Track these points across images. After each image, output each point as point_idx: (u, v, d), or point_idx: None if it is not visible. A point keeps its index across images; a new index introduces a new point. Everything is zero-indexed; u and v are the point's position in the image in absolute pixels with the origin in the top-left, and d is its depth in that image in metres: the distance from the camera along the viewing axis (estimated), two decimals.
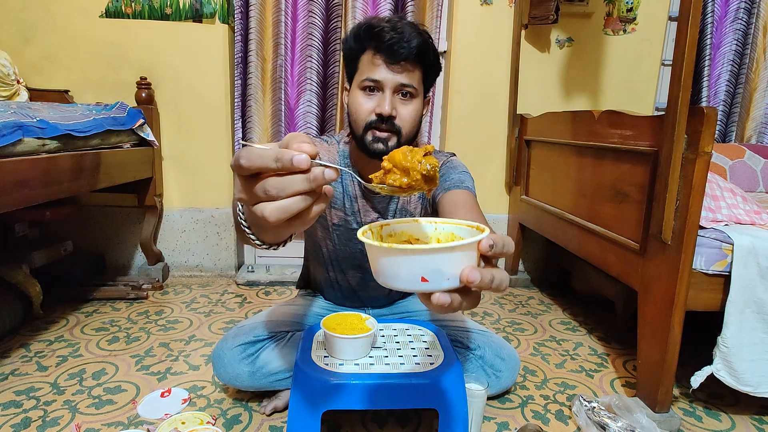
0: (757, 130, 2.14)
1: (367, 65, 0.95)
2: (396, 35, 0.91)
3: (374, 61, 0.94)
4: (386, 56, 0.92)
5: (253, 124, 1.97)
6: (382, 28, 0.92)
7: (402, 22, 0.94)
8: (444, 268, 0.43)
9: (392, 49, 0.91)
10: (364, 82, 0.95)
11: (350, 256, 1.15)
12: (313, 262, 1.27)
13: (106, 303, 1.75)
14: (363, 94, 0.96)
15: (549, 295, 2.04)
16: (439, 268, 0.42)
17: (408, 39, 0.91)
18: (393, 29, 0.91)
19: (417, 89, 0.97)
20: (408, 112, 0.97)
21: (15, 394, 1.16)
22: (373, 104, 0.95)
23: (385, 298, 1.27)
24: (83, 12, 1.86)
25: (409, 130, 0.98)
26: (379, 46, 0.92)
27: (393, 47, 0.91)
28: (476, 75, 2.04)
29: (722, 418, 1.18)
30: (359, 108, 0.97)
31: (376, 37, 0.92)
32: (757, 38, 2.09)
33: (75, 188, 1.40)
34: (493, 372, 1.15)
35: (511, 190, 2.13)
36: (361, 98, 0.97)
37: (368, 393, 0.86)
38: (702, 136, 0.97)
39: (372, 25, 0.93)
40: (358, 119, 0.98)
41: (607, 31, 2.07)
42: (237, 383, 1.10)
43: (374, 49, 0.94)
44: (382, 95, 0.95)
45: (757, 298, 1.07)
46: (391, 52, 0.92)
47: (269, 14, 1.90)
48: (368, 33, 0.94)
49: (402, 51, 0.91)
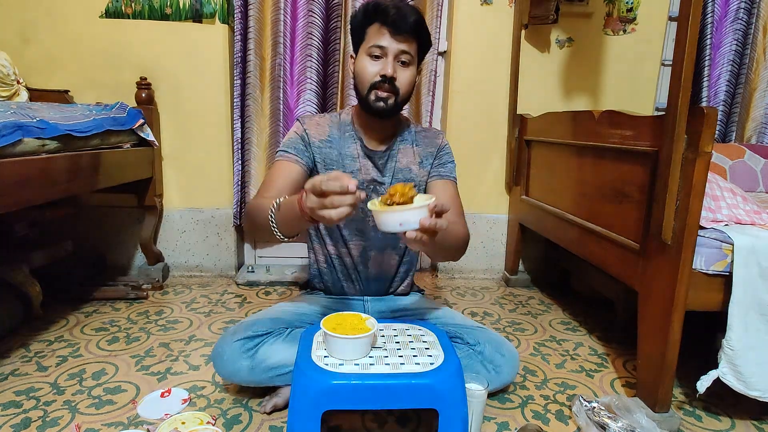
0: (757, 130, 2.14)
1: (375, 34, 1.12)
2: (399, 12, 1.09)
3: (381, 31, 1.11)
4: (391, 27, 1.09)
5: (252, 123, 1.96)
6: (387, 6, 1.10)
7: (403, 3, 1.13)
8: (410, 219, 0.80)
9: (396, 23, 1.09)
10: (371, 48, 1.11)
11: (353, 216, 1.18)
12: (316, 244, 1.30)
13: (106, 303, 1.75)
14: (369, 60, 1.12)
15: (549, 295, 2.04)
16: (407, 219, 0.81)
17: (408, 16, 1.10)
18: (396, 8, 1.10)
19: (413, 58, 1.14)
20: (406, 76, 1.14)
21: (15, 394, 1.16)
22: (378, 68, 1.12)
23: (382, 282, 1.31)
24: (83, 12, 1.85)
25: (405, 91, 1.15)
26: (385, 20, 1.10)
27: (396, 21, 1.09)
28: (476, 75, 2.04)
29: (722, 418, 1.18)
30: (365, 70, 1.13)
31: (382, 12, 1.10)
32: (757, 38, 2.09)
33: (75, 188, 1.40)
34: (493, 368, 1.16)
35: (511, 190, 2.13)
36: (367, 62, 1.13)
37: (368, 393, 0.86)
38: (702, 136, 0.97)
39: (379, 3, 1.12)
40: (364, 80, 1.13)
41: (607, 31, 2.07)
42: (237, 379, 1.11)
43: (380, 22, 1.11)
44: (385, 60, 1.11)
45: (759, 300, 1.06)
46: (395, 25, 1.09)
47: (268, 13, 1.90)
48: (376, 9, 1.12)
49: (403, 24, 1.09)
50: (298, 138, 1.20)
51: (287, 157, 1.17)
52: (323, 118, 1.26)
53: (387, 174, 1.23)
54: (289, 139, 1.21)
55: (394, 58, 1.11)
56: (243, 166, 2.00)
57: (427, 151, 1.27)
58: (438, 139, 1.29)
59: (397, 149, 1.24)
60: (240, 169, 2.00)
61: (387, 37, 1.10)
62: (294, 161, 1.17)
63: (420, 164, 1.26)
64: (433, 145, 1.27)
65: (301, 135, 1.20)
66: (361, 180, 1.21)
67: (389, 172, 1.24)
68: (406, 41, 1.11)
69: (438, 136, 1.30)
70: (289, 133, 1.22)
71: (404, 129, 1.27)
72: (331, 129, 1.23)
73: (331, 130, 1.23)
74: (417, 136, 1.28)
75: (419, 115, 2.06)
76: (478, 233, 2.16)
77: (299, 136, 1.20)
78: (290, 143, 1.19)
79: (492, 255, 2.20)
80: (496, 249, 2.20)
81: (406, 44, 1.11)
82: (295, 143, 1.19)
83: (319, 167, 1.21)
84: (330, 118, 1.26)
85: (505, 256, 2.20)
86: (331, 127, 1.24)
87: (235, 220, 2.05)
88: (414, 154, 1.26)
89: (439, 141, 1.29)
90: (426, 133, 1.29)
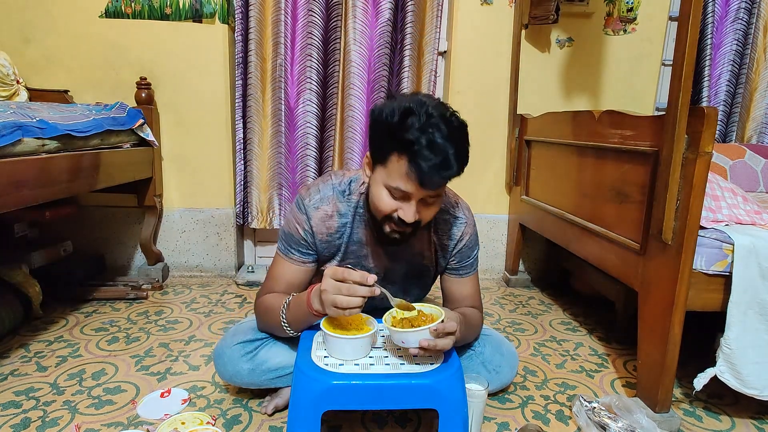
0: (758, 130, 2.14)
1: (397, 173, 0.87)
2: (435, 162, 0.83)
3: (407, 176, 0.86)
4: (420, 181, 0.86)
5: (253, 123, 1.96)
6: (421, 147, 0.83)
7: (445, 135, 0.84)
8: (410, 339, 0.88)
9: (428, 179, 0.85)
10: (391, 188, 0.90)
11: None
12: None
13: (105, 303, 1.75)
14: (388, 193, 0.91)
15: (549, 295, 2.04)
16: (407, 339, 0.88)
17: (446, 166, 0.85)
18: (432, 148, 0.83)
19: (444, 190, 0.95)
20: (430, 213, 0.95)
21: (14, 394, 1.16)
22: (395, 206, 0.92)
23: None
24: (83, 12, 1.85)
25: (429, 220, 0.97)
26: (415, 168, 0.84)
27: (431, 177, 0.85)
28: (476, 75, 2.04)
29: (722, 418, 1.18)
30: (381, 203, 0.93)
31: (413, 153, 0.84)
32: (758, 38, 2.09)
33: (75, 188, 1.40)
34: (493, 368, 1.16)
35: (512, 191, 2.13)
36: (385, 195, 0.92)
37: (368, 393, 0.86)
38: (702, 136, 0.97)
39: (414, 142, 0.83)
40: (377, 210, 0.95)
41: (608, 31, 2.07)
42: (237, 381, 1.11)
43: (408, 164, 0.85)
44: (407, 202, 0.91)
45: (759, 299, 1.06)
46: (425, 182, 0.86)
47: (269, 14, 1.90)
48: (404, 143, 0.85)
49: (438, 181, 0.87)
50: (301, 237, 1.05)
51: (290, 259, 1.07)
52: (331, 202, 1.05)
53: (399, 260, 1.11)
54: (293, 236, 1.06)
55: (419, 201, 0.91)
56: (245, 165, 2.00)
57: (443, 242, 1.11)
58: (458, 230, 1.10)
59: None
60: (243, 169, 2.00)
61: (414, 185, 0.87)
62: (298, 264, 1.07)
63: (434, 253, 1.12)
64: (452, 238, 1.10)
65: (304, 234, 1.05)
66: (367, 267, 1.10)
67: (401, 259, 1.11)
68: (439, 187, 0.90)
69: (460, 225, 1.10)
70: (292, 223, 1.06)
71: None
72: (340, 219, 1.06)
73: (339, 221, 1.06)
74: (436, 221, 1.09)
75: None
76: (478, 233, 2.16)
77: (302, 236, 1.05)
78: (294, 242, 1.06)
79: (492, 255, 2.20)
80: (496, 249, 2.20)
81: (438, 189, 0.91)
82: (299, 244, 1.06)
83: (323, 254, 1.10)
84: (337, 199, 1.05)
85: (506, 256, 2.20)
86: (339, 216, 1.05)
87: (237, 220, 2.05)
88: (429, 241, 1.11)
89: (460, 233, 1.10)
90: (447, 216, 1.10)
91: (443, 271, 1.16)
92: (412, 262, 1.12)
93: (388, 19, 1.91)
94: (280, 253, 1.09)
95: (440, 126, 0.85)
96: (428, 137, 0.84)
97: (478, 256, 1.17)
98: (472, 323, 1.10)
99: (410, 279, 1.15)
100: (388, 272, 1.12)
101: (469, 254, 1.13)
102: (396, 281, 1.13)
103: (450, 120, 0.87)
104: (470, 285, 1.16)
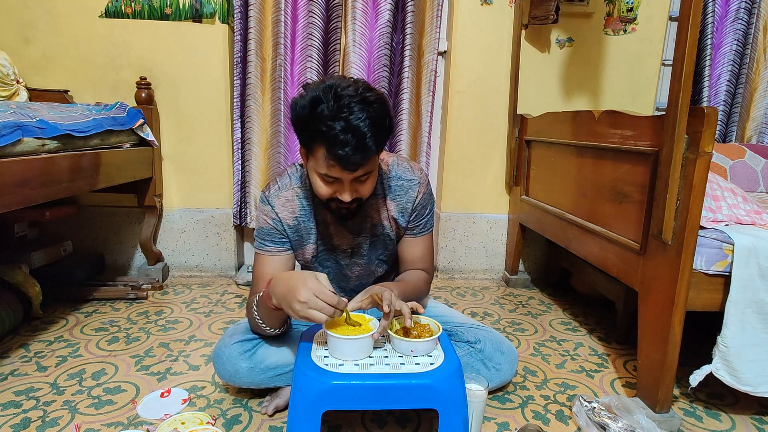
0: (758, 130, 2.14)
1: (322, 161, 0.91)
2: (350, 146, 0.85)
3: (329, 162, 0.90)
4: (341, 167, 0.89)
5: (253, 123, 1.97)
6: (336, 133, 0.85)
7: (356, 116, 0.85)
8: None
9: (347, 162, 0.88)
10: (322, 175, 0.94)
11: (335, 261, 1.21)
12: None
13: (105, 303, 1.75)
14: (322, 180, 0.95)
15: (549, 295, 2.04)
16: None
17: (362, 147, 0.86)
18: (346, 131, 0.85)
19: (375, 164, 0.97)
20: (367, 187, 0.99)
21: (14, 394, 1.16)
22: (333, 189, 0.96)
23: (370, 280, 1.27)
24: (83, 12, 1.85)
25: (370, 193, 1.01)
26: (333, 155, 0.87)
27: (348, 160, 0.87)
28: (476, 75, 2.04)
29: (722, 418, 1.18)
30: (318, 188, 0.97)
31: (329, 141, 0.87)
32: (758, 38, 2.09)
33: (75, 188, 1.40)
34: (493, 366, 1.17)
35: (511, 190, 2.13)
36: (320, 183, 0.96)
37: (368, 393, 0.86)
38: (702, 136, 0.97)
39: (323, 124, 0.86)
40: (319, 195, 0.99)
41: (608, 31, 2.07)
42: (236, 380, 1.10)
43: (327, 152, 0.88)
44: (340, 183, 0.95)
45: (757, 299, 1.06)
46: (346, 164, 0.88)
47: (269, 14, 1.90)
48: (319, 133, 0.87)
49: (359, 162, 0.89)
50: (271, 227, 1.10)
51: (267, 252, 1.11)
52: (290, 188, 1.11)
53: (362, 234, 1.15)
54: (263, 229, 1.11)
55: (350, 183, 0.95)
56: (243, 165, 2.00)
57: (401, 206, 1.13)
58: (413, 191, 1.13)
59: (369, 204, 1.11)
60: (240, 169, 2.00)
61: (338, 170, 0.91)
62: (275, 254, 1.11)
63: (394, 220, 1.14)
64: (408, 200, 1.13)
65: (273, 223, 1.10)
66: (334, 244, 1.15)
67: (365, 232, 1.14)
68: (363, 165, 0.91)
69: (413, 186, 1.13)
70: (261, 218, 1.12)
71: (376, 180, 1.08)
72: (301, 201, 1.11)
73: (300, 203, 1.11)
74: (391, 186, 1.12)
75: (419, 115, 2.06)
76: (478, 233, 2.16)
77: (272, 225, 1.10)
78: (265, 235, 1.11)
79: (492, 255, 2.20)
80: (496, 249, 2.20)
81: (363, 167, 0.92)
82: (270, 235, 1.11)
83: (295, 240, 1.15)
84: (295, 185, 1.11)
85: (505, 256, 2.20)
86: (300, 199, 1.11)
87: (234, 220, 2.05)
88: (386, 209, 1.13)
89: (414, 193, 1.13)
90: (401, 182, 1.12)
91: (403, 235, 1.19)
92: (375, 233, 1.16)
93: (388, 20, 1.92)
94: (257, 251, 1.13)
95: (352, 107, 0.86)
96: (340, 123, 0.85)
97: (432, 214, 1.19)
98: (413, 290, 1.13)
99: (376, 249, 1.19)
100: (355, 247, 1.17)
101: (422, 212, 1.16)
102: (365, 254, 1.18)
103: (364, 97, 0.88)
104: (423, 245, 1.18)
